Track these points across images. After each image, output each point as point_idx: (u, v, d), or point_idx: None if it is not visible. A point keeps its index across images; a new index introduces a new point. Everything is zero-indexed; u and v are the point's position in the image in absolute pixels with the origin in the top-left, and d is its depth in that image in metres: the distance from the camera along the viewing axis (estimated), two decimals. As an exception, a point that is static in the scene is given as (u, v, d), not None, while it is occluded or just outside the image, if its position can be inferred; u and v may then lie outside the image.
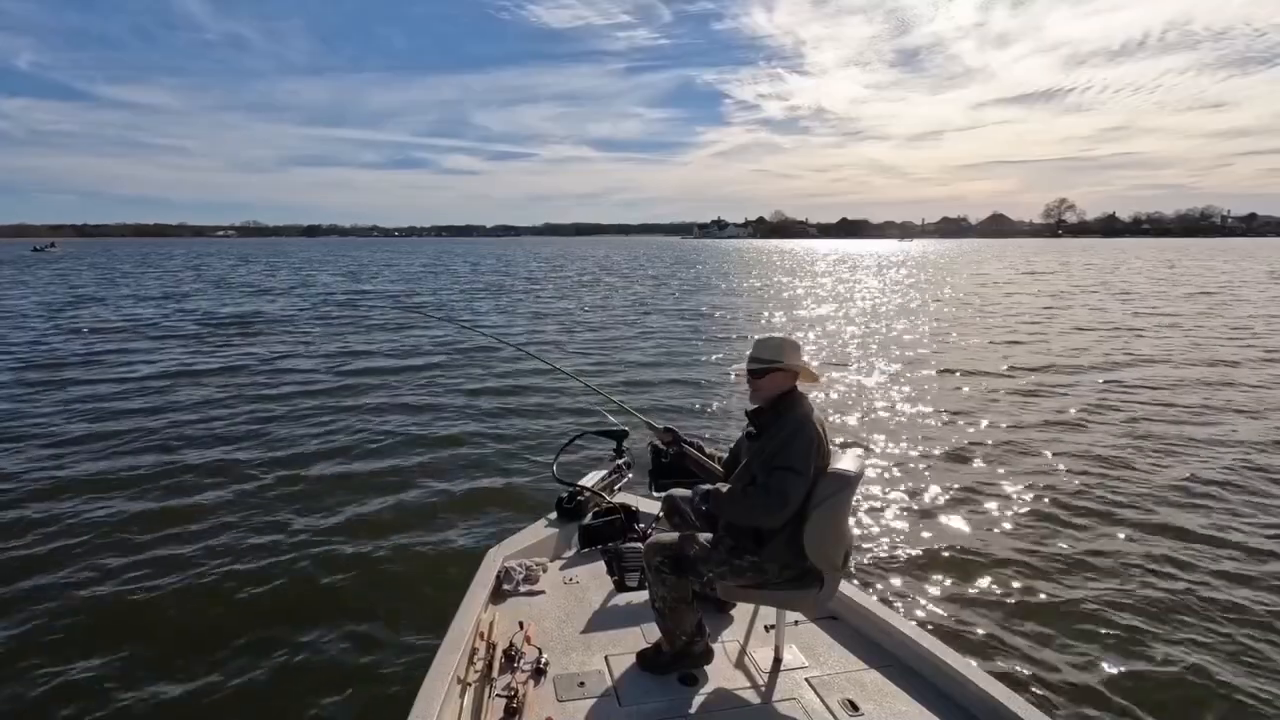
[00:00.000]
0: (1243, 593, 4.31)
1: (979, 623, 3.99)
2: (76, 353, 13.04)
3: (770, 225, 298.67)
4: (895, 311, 20.47)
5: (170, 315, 19.19)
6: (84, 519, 5.41)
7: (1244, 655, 3.70)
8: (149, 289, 28.25)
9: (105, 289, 28.16)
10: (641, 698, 2.44)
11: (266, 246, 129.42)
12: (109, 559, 4.79)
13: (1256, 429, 7.85)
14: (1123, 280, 33.07)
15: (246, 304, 22.61)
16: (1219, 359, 12.29)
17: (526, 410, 8.89)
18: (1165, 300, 23.29)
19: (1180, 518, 5.41)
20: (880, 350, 13.51)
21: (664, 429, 3.16)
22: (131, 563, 4.74)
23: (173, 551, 4.90)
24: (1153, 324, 17.04)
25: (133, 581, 4.50)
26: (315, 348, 13.60)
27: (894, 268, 46.84)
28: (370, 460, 6.92)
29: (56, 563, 4.71)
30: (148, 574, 4.59)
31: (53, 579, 4.51)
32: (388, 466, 6.71)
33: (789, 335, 2.82)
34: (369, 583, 4.50)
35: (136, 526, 5.29)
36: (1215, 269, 42.86)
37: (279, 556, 4.86)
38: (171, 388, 10.15)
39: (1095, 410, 8.71)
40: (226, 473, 6.50)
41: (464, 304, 23.13)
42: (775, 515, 2.38)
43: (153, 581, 4.50)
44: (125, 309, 20.78)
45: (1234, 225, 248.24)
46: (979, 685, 2.35)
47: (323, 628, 3.99)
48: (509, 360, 11.92)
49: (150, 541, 5.05)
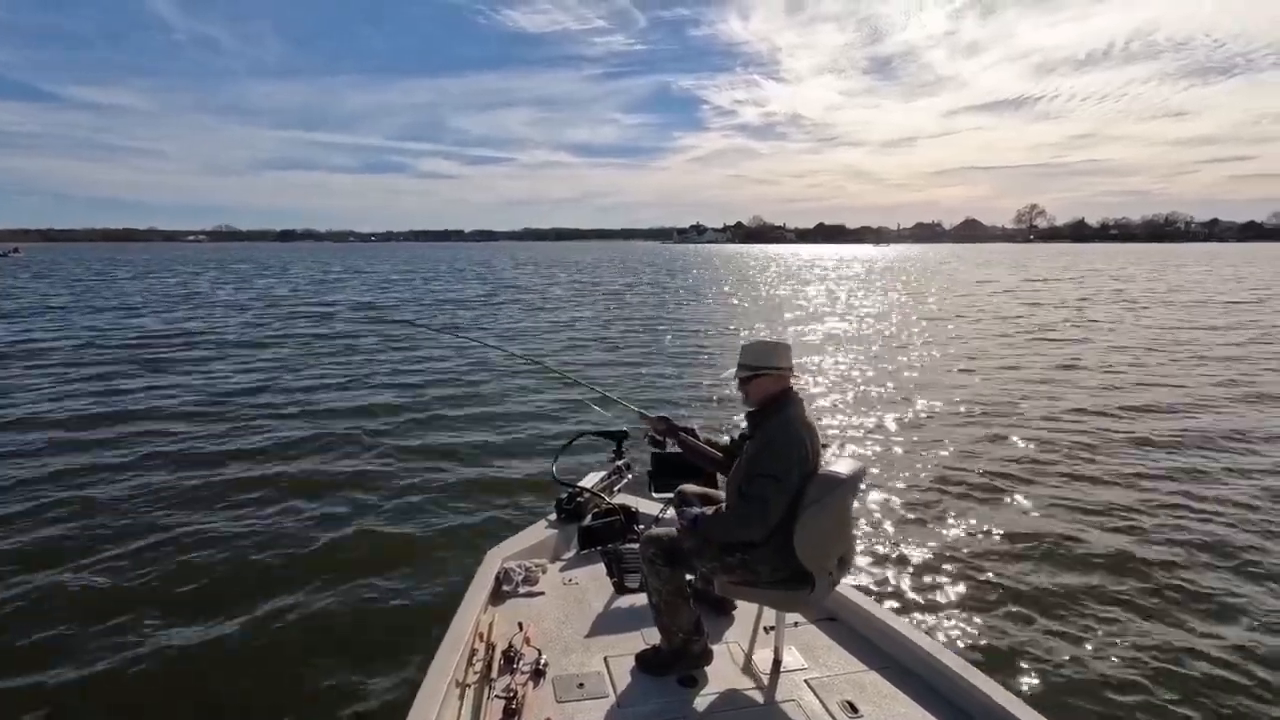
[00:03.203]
0: (1246, 593, 4.32)
1: (978, 624, 3.99)
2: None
3: (749, 230, 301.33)
4: (898, 314, 20.41)
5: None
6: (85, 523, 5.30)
7: (1244, 655, 3.70)
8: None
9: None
10: (640, 699, 2.44)
11: (239, 252, 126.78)
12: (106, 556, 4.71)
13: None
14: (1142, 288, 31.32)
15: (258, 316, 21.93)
16: (1238, 370, 11.80)
17: (526, 412, 8.86)
18: (1174, 307, 22.50)
19: (1183, 517, 5.40)
20: (881, 352, 13.51)
21: (658, 418, 3.13)
22: (128, 564, 4.70)
23: (171, 553, 4.85)
24: (1166, 333, 16.46)
25: (128, 583, 4.46)
26: (314, 357, 13.34)
27: (881, 274, 46.83)
28: (369, 461, 6.86)
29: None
30: (144, 575, 4.56)
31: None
32: (387, 468, 6.66)
33: (779, 338, 2.82)
34: (368, 583, 4.47)
35: (128, 536, 5.18)
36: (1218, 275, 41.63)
37: (278, 556, 4.83)
38: (161, 392, 9.96)
39: (1096, 410, 8.73)
40: (224, 474, 6.43)
41: (468, 316, 21.78)
42: (758, 524, 2.39)
43: (151, 582, 4.47)
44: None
45: (1196, 231, 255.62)
46: (978, 687, 2.36)
47: (322, 627, 3.97)
48: (508, 362, 11.95)
49: (150, 544, 4.99)
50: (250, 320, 19.26)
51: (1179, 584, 4.43)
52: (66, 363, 12.34)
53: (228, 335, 16.09)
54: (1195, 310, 21.58)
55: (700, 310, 22.91)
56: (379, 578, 4.54)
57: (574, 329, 17.96)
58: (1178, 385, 10.38)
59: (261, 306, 23.44)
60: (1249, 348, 14.04)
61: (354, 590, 4.39)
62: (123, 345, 14.43)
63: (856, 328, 17.86)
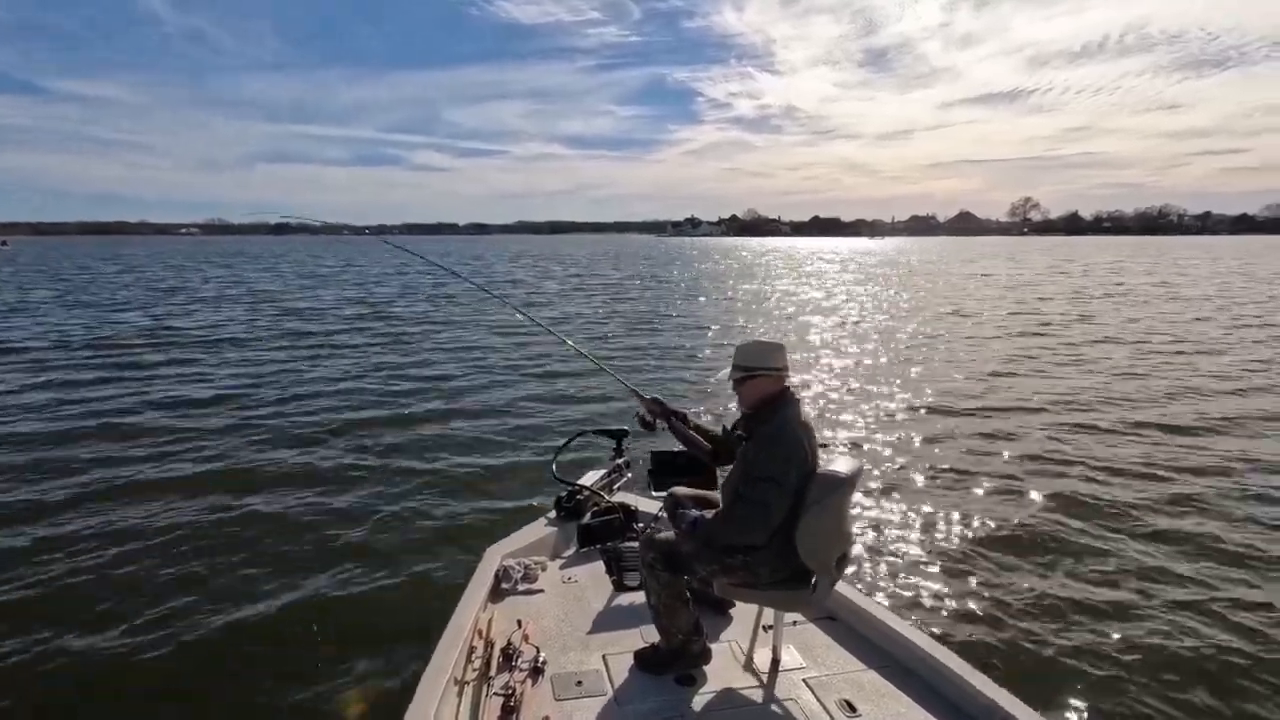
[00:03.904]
0: (1247, 592, 4.29)
1: (977, 624, 3.98)
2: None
3: (744, 223, 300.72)
4: (899, 313, 20.20)
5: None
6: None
7: (1245, 654, 3.69)
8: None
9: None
10: (639, 697, 2.44)
11: (232, 246, 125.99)
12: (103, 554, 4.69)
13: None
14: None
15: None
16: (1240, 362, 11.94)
17: (526, 410, 8.84)
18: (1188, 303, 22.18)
19: (1185, 518, 5.38)
20: (881, 352, 13.44)
21: (651, 399, 3.10)
22: (129, 564, 4.69)
23: (167, 555, 4.83)
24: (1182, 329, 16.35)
25: (128, 583, 4.45)
26: (312, 354, 13.28)
27: (882, 268, 46.68)
28: (368, 460, 6.84)
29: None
30: (144, 575, 4.55)
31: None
32: (386, 466, 6.64)
33: (774, 338, 2.80)
34: (367, 581, 4.47)
35: (128, 534, 5.17)
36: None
37: (276, 553, 4.82)
38: (166, 381, 9.91)
39: (1099, 412, 8.64)
40: (222, 471, 6.42)
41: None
42: (760, 528, 2.38)
43: (151, 581, 4.46)
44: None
45: (1189, 224, 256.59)
46: (977, 686, 2.36)
47: (321, 625, 3.96)
48: (508, 361, 11.95)
49: (147, 545, 4.97)
50: (240, 316, 19.17)
51: (1180, 584, 4.40)
52: (94, 347, 12.29)
53: (219, 332, 16.04)
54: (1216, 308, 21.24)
55: (704, 306, 22.80)
56: (377, 575, 4.54)
57: (572, 322, 17.92)
58: (1182, 383, 10.25)
59: (253, 301, 23.39)
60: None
61: (353, 587, 4.39)
62: (122, 344, 14.41)
63: (859, 322, 17.85)
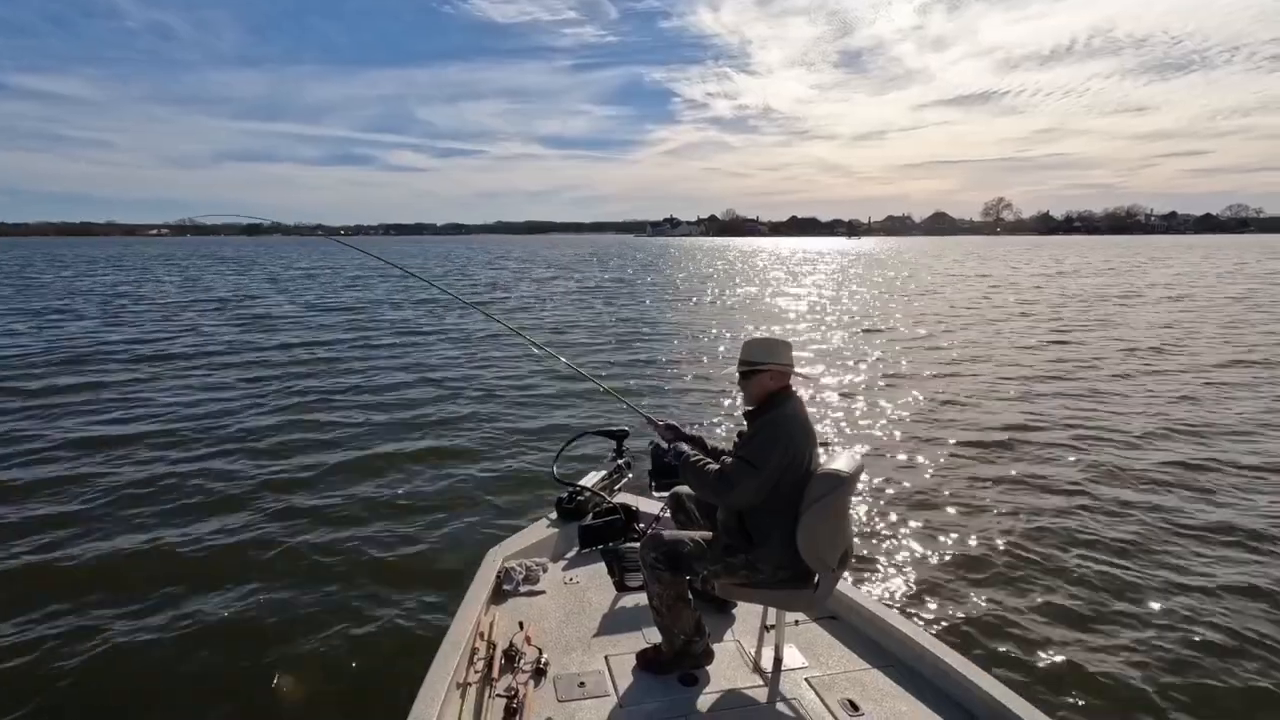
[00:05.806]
0: (1249, 592, 4.27)
1: (979, 623, 3.96)
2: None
3: (722, 223, 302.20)
4: (901, 312, 20.17)
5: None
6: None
7: (1246, 654, 3.68)
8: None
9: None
10: (642, 698, 2.44)
11: (203, 247, 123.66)
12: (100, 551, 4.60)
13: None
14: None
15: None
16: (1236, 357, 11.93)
17: (527, 411, 8.79)
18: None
19: (1186, 518, 5.35)
20: (881, 351, 13.39)
21: (665, 425, 3.07)
22: (127, 564, 4.68)
23: (164, 557, 4.80)
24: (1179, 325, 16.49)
25: (127, 582, 4.43)
26: (314, 356, 13.04)
27: (864, 267, 46.90)
28: (368, 461, 6.79)
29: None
30: (142, 574, 4.53)
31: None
32: (386, 467, 6.60)
33: (779, 335, 2.85)
34: (368, 583, 4.44)
35: (124, 535, 5.12)
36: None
37: (276, 556, 4.79)
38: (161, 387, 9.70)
39: (1100, 411, 8.55)
40: (221, 472, 6.37)
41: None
42: (720, 498, 2.49)
43: (149, 579, 4.45)
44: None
45: (1156, 224, 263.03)
46: (979, 685, 2.36)
47: (321, 628, 3.93)
48: (508, 361, 11.91)
49: (145, 547, 4.93)
50: (230, 319, 18.82)
51: (1181, 584, 4.38)
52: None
53: (207, 340, 15.68)
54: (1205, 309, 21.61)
55: (697, 309, 22.80)
56: (379, 577, 4.51)
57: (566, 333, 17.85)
58: (1186, 380, 10.21)
59: (239, 303, 22.95)
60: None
61: (353, 590, 4.36)
62: (127, 343, 14.07)
63: (850, 320, 17.93)
